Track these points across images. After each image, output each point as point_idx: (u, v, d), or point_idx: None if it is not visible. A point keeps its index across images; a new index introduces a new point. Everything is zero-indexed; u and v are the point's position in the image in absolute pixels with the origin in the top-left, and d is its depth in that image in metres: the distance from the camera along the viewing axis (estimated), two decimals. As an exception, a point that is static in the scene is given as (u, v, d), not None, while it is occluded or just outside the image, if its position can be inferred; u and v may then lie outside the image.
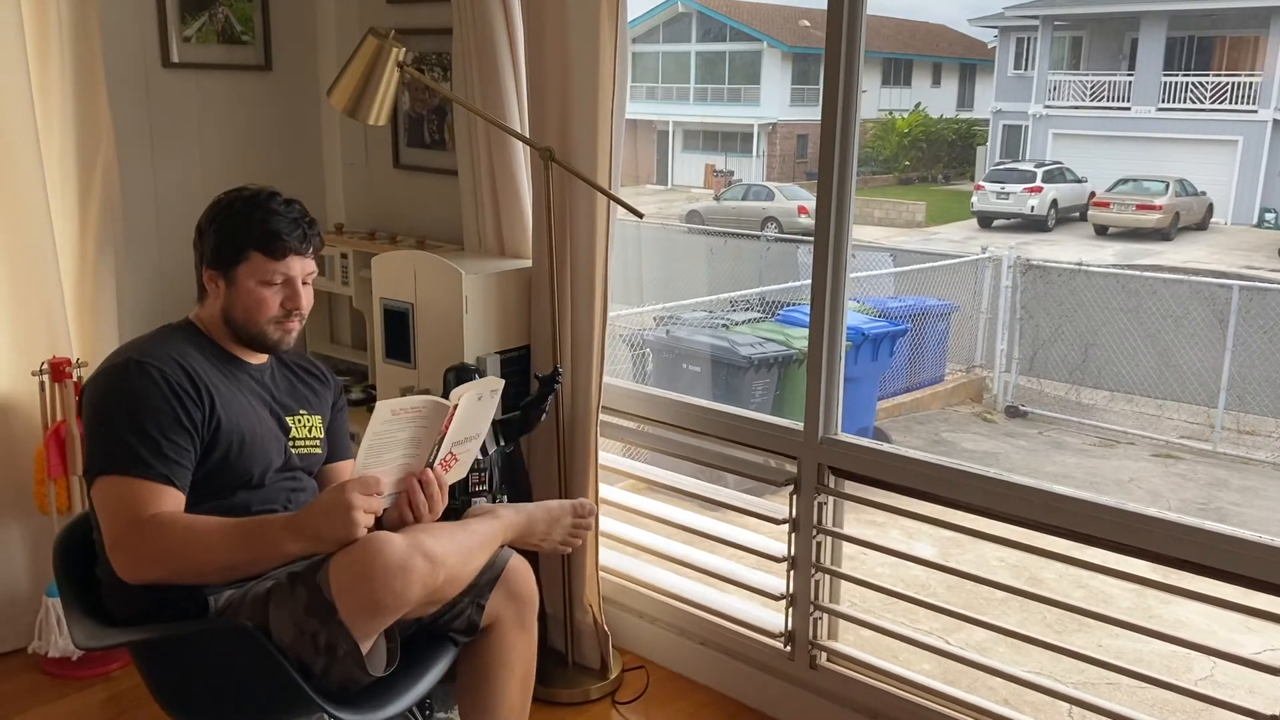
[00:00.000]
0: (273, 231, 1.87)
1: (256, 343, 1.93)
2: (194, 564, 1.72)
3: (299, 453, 1.98)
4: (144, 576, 1.73)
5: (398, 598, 1.67)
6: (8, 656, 2.92)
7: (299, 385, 2.06)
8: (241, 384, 1.93)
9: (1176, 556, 2.05)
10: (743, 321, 7.42)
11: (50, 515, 2.83)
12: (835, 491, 2.54)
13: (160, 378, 1.77)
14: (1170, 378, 8.27)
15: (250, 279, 1.89)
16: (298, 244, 1.90)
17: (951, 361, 8.69)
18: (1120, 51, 19.73)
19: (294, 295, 1.92)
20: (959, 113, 25.03)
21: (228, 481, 1.85)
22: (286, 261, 1.89)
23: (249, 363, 1.97)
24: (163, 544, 1.70)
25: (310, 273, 1.95)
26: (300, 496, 1.96)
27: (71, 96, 2.84)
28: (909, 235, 17.07)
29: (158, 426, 1.75)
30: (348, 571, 1.67)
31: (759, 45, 23.54)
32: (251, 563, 1.73)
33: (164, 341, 1.88)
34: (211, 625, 1.79)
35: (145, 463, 1.72)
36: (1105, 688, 3.21)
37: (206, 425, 1.80)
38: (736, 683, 2.78)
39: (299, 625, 1.71)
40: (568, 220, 2.65)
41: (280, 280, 1.90)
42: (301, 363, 2.11)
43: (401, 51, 2.50)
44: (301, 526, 1.68)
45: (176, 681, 1.85)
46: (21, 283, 2.80)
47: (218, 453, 1.82)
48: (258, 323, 1.91)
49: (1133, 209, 16.26)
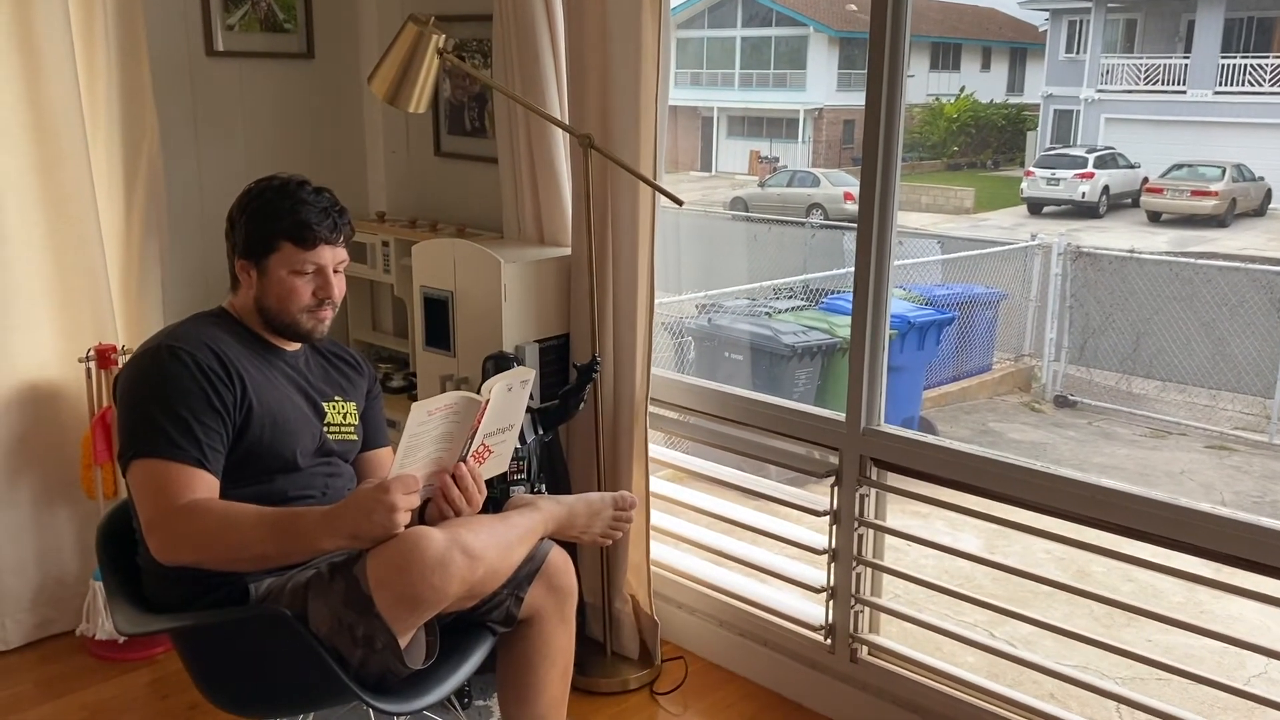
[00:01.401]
0: (303, 221, 1.87)
1: (290, 332, 1.94)
2: (227, 552, 1.72)
3: (334, 439, 1.98)
4: (178, 559, 1.74)
5: (436, 592, 1.67)
6: (57, 638, 2.97)
7: (333, 372, 2.06)
8: (275, 369, 1.94)
9: (1229, 553, 1.99)
10: (786, 309, 7.36)
11: (97, 500, 2.87)
12: (877, 484, 2.51)
13: (191, 361, 1.79)
14: (1225, 368, 8.09)
15: (282, 269, 1.89)
16: (328, 233, 1.90)
17: (999, 350, 8.56)
18: (1176, 33, 19.30)
19: (326, 284, 1.92)
20: (1008, 97, 24.63)
21: (264, 466, 1.86)
22: (317, 251, 1.89)
23: (283, 349, 1.98)
24: (198, 530, 1.71)
25: (341, 261, 1.95)
26: (337, 483, 1.97)
27: (117, 86, 2.86)
28: (957, 222, 16.85)
29: (189, 409, 1.76)
30: (386, 565, 1.67)
31: (805, 30, 23.32)
32: (285, 555, 1.74)
33: (196, 327, 1.90)
34: (250, 613, 1.80)
35: (178, 445, 1.73)
36: (1155, 684, 3.15)
37: (238, 408, 1.81)
38: (776, 675, 2.76)
39: (337, 616, 1.72)
40: (608, 208, 2.63)
41: (312, 270, 1.90)
42: (336, 350, 2.11)
43: (442, 38, 2.49)
44: (339, 523, 1.67)
45: (217, 668, 1.87)
46: (68, 271, 2.84)
47: (250, 435, 1.83)
48: (290, 312, 1.91)
49: (1187, 195, 15.91)
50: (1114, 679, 3.04)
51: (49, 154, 2.76)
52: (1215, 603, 3.79)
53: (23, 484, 2.88)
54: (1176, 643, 3.35)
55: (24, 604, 2.92)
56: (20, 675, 2.82)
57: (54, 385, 2.87)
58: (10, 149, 2.71)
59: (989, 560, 2.47)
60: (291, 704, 1.86)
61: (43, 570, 2.94)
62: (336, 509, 1.70)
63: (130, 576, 1.92)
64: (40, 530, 2.92)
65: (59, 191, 2.78)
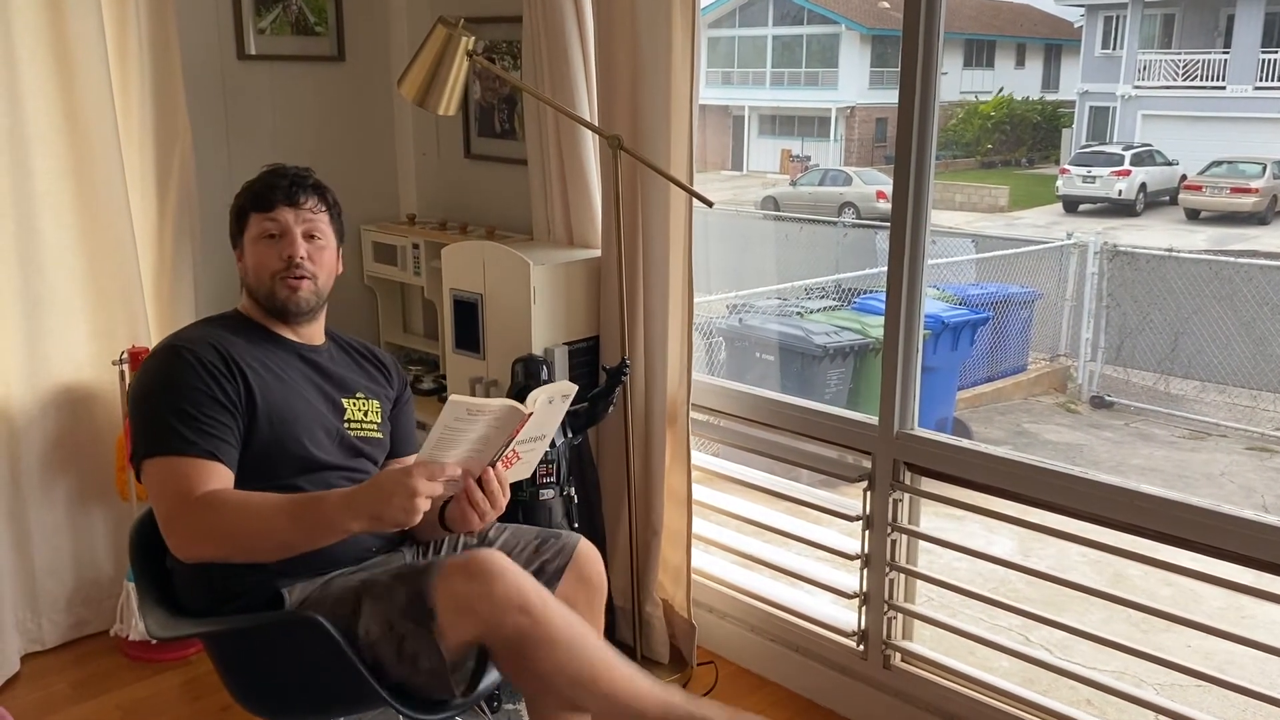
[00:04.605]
0: (262, 186, 1.92)
1: (276, 309, 1.94)
2: (248, 541, 1.71)
3: (356, 435, 1.97)
4: (197, 554, 1.74)
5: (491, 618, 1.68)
6: (92, 639, 3.00)
7: (357, 370, 2.05)
8: (287, 364, 1.93)
9: (1271, 559, 1.95)
10: (818, 309, 7.31)
11: (130, 502, 2.89)
12: (910, 488, 2.47)
13: (193, 358, 1.80)
14: (1266, 368, 7.95)
15: (252, 241, 1.92)
16: (284, 195, 1.91)
17: (1034, 350, 8.47)
18: (1215, 28, 19.00)
19: (290, 244, 1.90)
20: (1044, 94, 24.37)
21: (282, 464, 1.85)
22: (277, 212, 1.90)
23: (298, 342, 1.98)
24: (215, 522, 1.70)
25: (309, 224, 1.93)
26: (363, 479, 1.95)
27: (150, 90, 2.88)
28: (991, 220, 16.69)
29: (194, 404, 1.76)
30: (459, 588, 1.68)
31: (837, 28, 23.18)
32: (307, 540, 1.71)
33: (203, 328, 1.93)
34: (283, 618, 1.79)
35: (187, 440, 1.73)
36: (1195, 691, 3.09)
37: (243, 400, 1.81)
38: (808, 681, 2.73)
39: (390, 623, 1.72)
40: (639, 209, 2.61)
41: (276, 232, 1.91)
42: (365, 350, 2.11)
43: (471, 40, 2.48)
44: (359, 504, 1.65)
45: (246, 671, 1.87)
46: (102, 274, 2.86)
47: (258, 432, 1.82)
48: (265, 282, 1.91)
49: (1226, 192, 15.66)
50: (1152, 686, 2.99)
51: (82, 158, 2.78)
52: (1257, 608, 3.71)
53: (58, 485, 2.90)
54: (1217, 647, 3.27)
55: (60, 605, 2.95)
56: (56, 675, 2.84)
57: (88, 388, 2.90)
58: (44, 153, 2.74)
59: (1023, 566, 2.44)
60: (321, 708, 1.86)
61: (78, 571, 2.96)
62: (357, 490, 1.68)
63: (162, 579, 1.92)
64: (76, 532, 2.95)
65: (92, 195, 2.81)
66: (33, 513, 2.86)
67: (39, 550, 2.88)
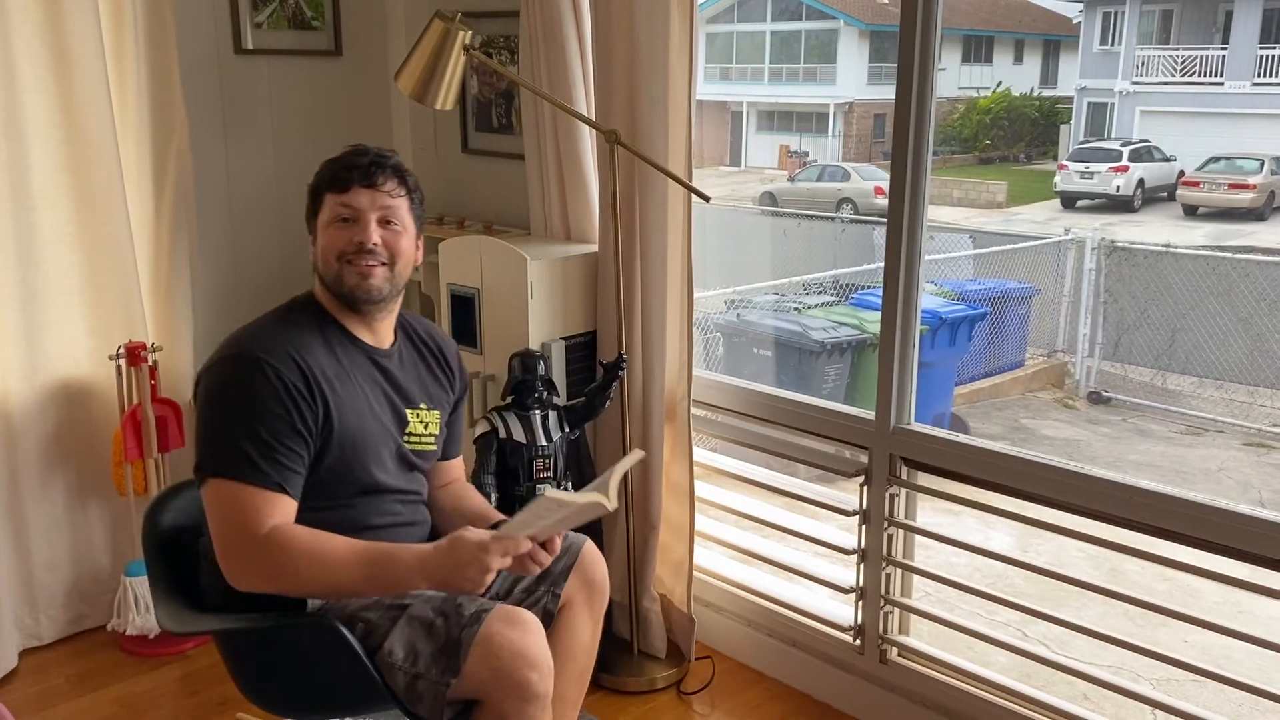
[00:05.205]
0: (340, 166, 1.83)
1: (345, 297, 1.83)
2: (311, 587, 1.70)
3: (412, 448, 1.92)
4: (254, 588, 1.71)
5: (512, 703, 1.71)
6: (89, 634, 3.00)
7: (426, 374, 1.98)
8: (359, 371, 1.85)
9: (1269, 555, 1.95)
10: (815, 305, 7.32)
11: (128, 497, 2.89)
12: (907, 483, 2.48)
13: (275, 377, 1.71)
14: (1264, 364, 7.95)
15: (325, 223, 1.83)
16: (362, 176, 1.81)
17: (1032, 346, 8.46)
18: (1214, 24, 18.99)
19: (362, 229, 1.80)
20: (1042, 90, 24.36)
21: (343, 487, 1.81)
22: (351, 193, 1.80)
23: (370, 345, 1.89)
24: (284, 565, 1.67)
25: (386, 209, 1.82)
26: (415, 500, 1.93)
27: (147, 85, 2.88)
28: (989, 216, 16.68)
29: (272, 431, 1.69)
30: (496, 669, 1.69)
31: (835, 23, 23.15)
32: (372, 592, 1.74)
33: (282, 330, 1.81)
34: (303, 621, 1.78)
35: (259, 469, 1.68)
36: (1191, 686, 3.10)
37: (320, 428, 1.75)
38: (804, 676, 2.73)
39: (416, 656, 1.72)
40: (636, 204, 2.61)
41: (349, 216, 1.81)
42: (432, 344, 2.02)
43: (468, 35, 2.48)
44: (432, 569, 1.67)
45: (257, 667, 1.86)
46: (99, 269, 2.86)
47: (329, 457, 1.77)
48: (333, 266, 1.81)
49: (1224, 188, 15.65)
50: (1149, 680, 2.99)
51: (79, 152, 2.78)
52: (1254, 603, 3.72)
53: (56, 481, 2.90)
54: (1213, 642, 3.28)
55: (58, 600, 2.94)
56: (53, 670, 2.84)
57: (85, 383, 2.90)
58: (41, 148, 2.73)
59: (1019, 561, 2.44)
60: (327, 708, 1.85)
61: (76, 566, 2.96)
62: (433, 554, 1.68)
63: (177, 570, 1.89)
64: (73, 527, 2.95)
65: (89, 190, 2.80)
66: (30, 508, 2.86)
67: (37, 546, 2.88)
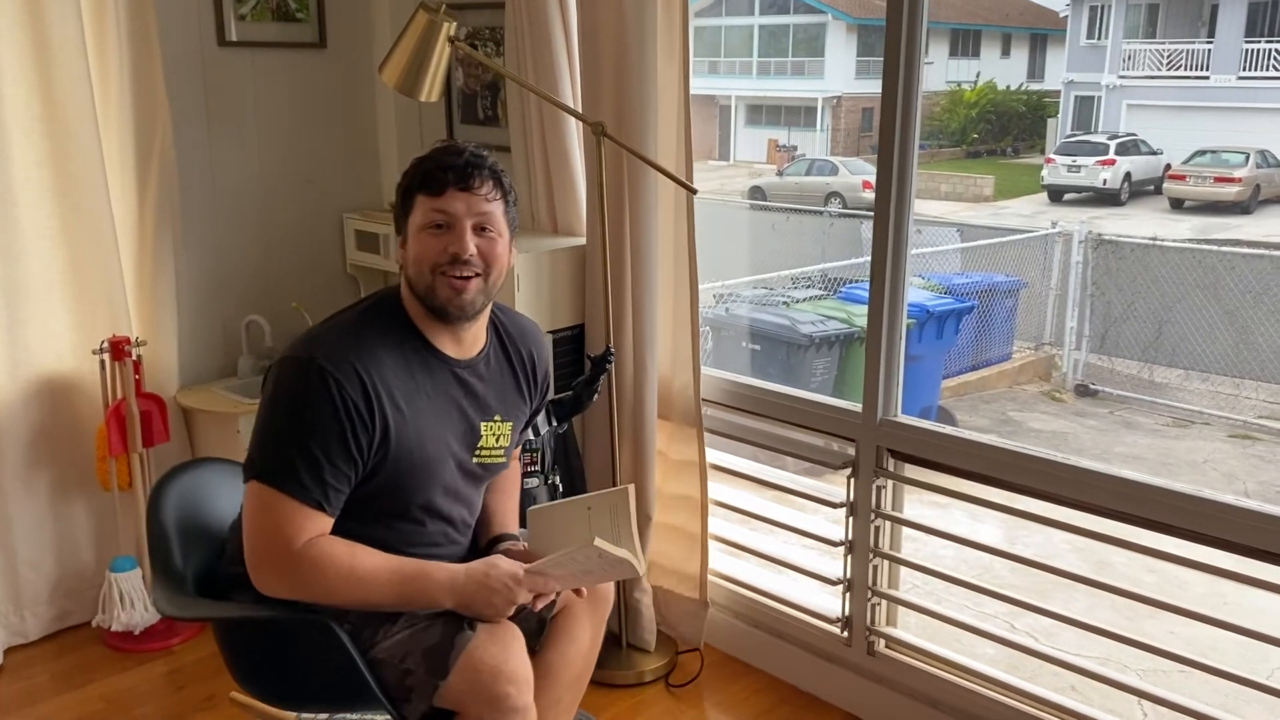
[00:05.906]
0: (434, 166, 1.74)
1: (436, 309, 1.75)
2: (339, 599, 1.69)
3: (480, 462, 1.86)
4: (281, 595, 1.70)
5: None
6: (74, 630, 2.98)
7: (509, 386, 1.91)
8: (435, 385, 1.78)
9: (1254, 545, 1.96)
10: (804, 299, 7.33)
11: (112, 492, 2.87)
12: (894, 475, 2.48)
13: (336, 392, 1.65)
14: (1249, 356, 8.00)
15: (418, 229, 1.74)
16: (458, 177, 1.71)
17: (1019, 339, 8.50)
18: (1199, 18, 19.06)
19: (458, 238, 1.71)
20: (1029, 84, 24.42)
21: (387, 506, 1.77)
22: (446, 197, 1.71)
23: (452, 357, 1.81)
24: (316, 580, 1.66)
25: (481, 216, 1.74)
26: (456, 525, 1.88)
27: (129, 78, 2.86)
28: (976, 210, 16.71)
29: (323, 448, 1.65)
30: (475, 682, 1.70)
31: (823, 17, 23.17)
32: (399, 606, 1.74)
33: (358, 336, 1.73)
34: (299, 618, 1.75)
35: (303, 485, 1.65)
36: (1178, 676, 3.10)
37: (373, 450, 1.70)
38: (792, 668, 2.74)
39: (407, 654, 1.72)
40: (625, 197, 2.60)
41: (442, 220, 1.72)
42: (526, 353, 1.96)
43: (453, 26, 2.47)
44: (461, 593, 1.71)
45: (254, 656, 1.86)
46: (82, 263, 2.84)
47: (380, 475, 1.72)
48: (425, 276, 1.73)
49: (1210, 181, 15.72)
50: (1136, 671, 3.00)
51: (61, 146, 2.75)
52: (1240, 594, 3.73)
53: (40, 477, 2.88)
54: (1200, 633, 3.29)
55: (42, 597, 2.93)
56: (39, 667, 2.83)
57: (69, 378, 2.88)
58: (22, 142, 2.71)
59: (1007, 552, 2.45)
60: (322, 700, 1.86)
61: (60, 563, 2.94)
62: (466, 581, 1.71)
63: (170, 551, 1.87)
64: (57, 523, 2.93)
65: (72, 184, 2.78)
66: (13, 504, 2.84)
67: (20, 542, 2.86)
